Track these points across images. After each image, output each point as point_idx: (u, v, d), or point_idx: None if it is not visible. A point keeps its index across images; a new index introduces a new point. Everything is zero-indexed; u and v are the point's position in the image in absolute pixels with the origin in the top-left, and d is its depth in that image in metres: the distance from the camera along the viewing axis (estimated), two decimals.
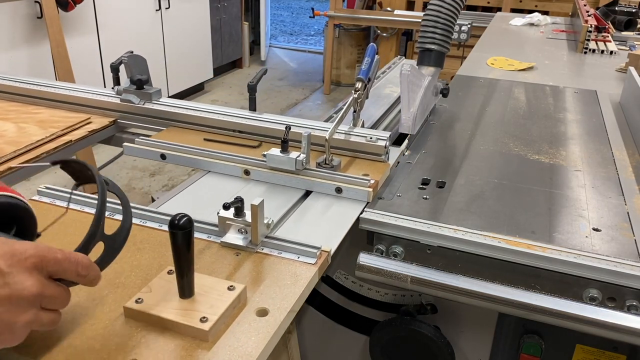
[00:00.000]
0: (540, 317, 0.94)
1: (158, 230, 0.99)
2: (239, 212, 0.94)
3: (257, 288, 0.84)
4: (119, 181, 3.81)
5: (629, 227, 1.06)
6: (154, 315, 0.75)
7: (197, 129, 1.41)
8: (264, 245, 0.95)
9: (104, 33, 4.24)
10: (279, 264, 0.90)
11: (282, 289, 0.84)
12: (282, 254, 0.93)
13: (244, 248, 0.94)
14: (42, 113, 1.50)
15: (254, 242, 0.94)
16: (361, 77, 1.25)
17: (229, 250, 0.94)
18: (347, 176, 1.14)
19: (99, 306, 0.79)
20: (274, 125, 1.34)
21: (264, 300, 0.81)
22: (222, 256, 0.92)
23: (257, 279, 0.87)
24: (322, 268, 0.91)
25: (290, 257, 0.92)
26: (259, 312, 0.79)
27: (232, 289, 0.80)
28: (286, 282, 0.86)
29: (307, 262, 0.90)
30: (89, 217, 0.98)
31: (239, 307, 0.80)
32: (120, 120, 1.49)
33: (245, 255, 0.93)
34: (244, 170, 1.20)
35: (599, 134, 1.54)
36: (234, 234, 0.95)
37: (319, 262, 0.91)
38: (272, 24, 9.31)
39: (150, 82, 1.48)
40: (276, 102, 5.75)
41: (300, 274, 0.88)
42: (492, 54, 2.42)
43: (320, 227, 1.03)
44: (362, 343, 1.26)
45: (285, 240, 0.94)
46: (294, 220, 1.06)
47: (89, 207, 1.05)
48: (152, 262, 0.90)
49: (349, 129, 1.29)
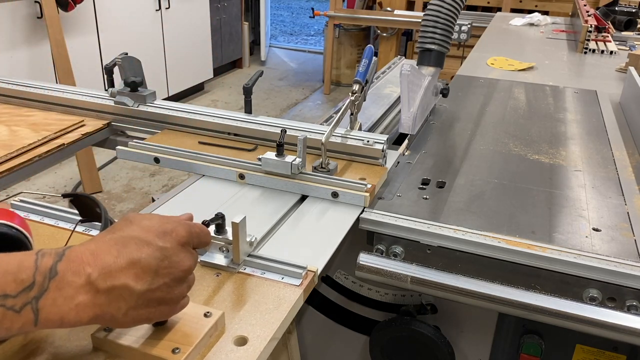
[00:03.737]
0: (540, 317, 0.94)
1: None
2: (220, 229, 0.88)
3: (236, 313, 0.79)
4: (119, 181, 3.81)
5: (629, 227, 1.06)
6: (122, 345, 0.69)
7: (192, 131, 1.40)
8: (247, 265, 0.90)
9: (104, 33, 4.24)
10: (261, 286, 0.85)
11: (263, 314, 0.79)
12: (265, 274, 0.88)
13: (225, 268, 0.89)
14: (35, 116, 1.48)
15: (236, 261, 0.89)
16: (358, 79, 1.24)
17: (208, 270, 0.89)
18: (344, 180, 1.11)
19: (65, 335, 0.73)
20: (269, 128, 1.32)
21: (244, 327, 0.76)
22: (201, 276, 0.87)
23: (238, 303, 0.82)
24: (307, 289, 0.86)
25: (273, 277, 0.87)
26: (238, 340, 0.74)
27: (208, 316, 0.74)
28: (268, 307, 0.81)
29: (291, 284, 0.85)
30: (63, 232, 0.95)
31: (216, 334, 0.74)
32: (114, 123, 1.47)
33: (226, 275, 0.88)
34: (239, 174, 1.18)
35: (599, 134, 1.54)
36: (214, 252, 0.90)
37: (305, 282, 0.86)
38: (272, 24, 9.31)
39: (144, 84, 1.47)
40: (276, 102, 5.75)
41: (283, 296, 0.83)
42: (492, 54, 2.42)
43: (310, 239, 0.99)
44: (362, 343, 1.26)
45: (269, 259, 0.89)
46: (285, 229, 1.03)
47: (64, 221, 1.00)
48: None
49: (345, 132, 1.27)
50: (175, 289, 0.65)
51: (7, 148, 1.26)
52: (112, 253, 0.60)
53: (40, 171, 1.33)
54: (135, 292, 0.60)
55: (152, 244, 0.63)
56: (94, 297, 0.58)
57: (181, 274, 0.65)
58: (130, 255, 0.61)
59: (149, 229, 0.64)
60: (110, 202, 3.56)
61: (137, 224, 0.65)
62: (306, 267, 0.88)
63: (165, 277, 0.63)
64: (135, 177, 3.88)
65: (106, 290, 0.59)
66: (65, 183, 3.77)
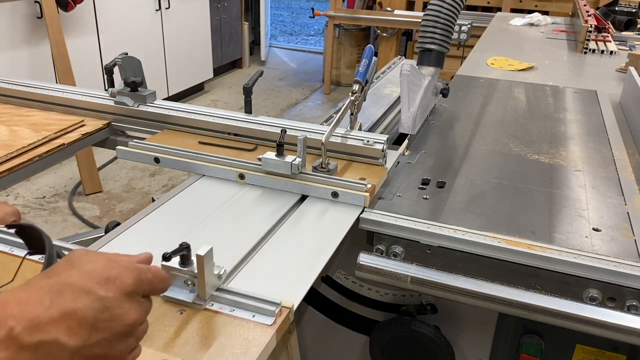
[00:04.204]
0: (540, 317, 0.94)
1: None
2: (186, 260, 0.80)
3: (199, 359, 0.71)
4: (119, 181, 3.81)
5: (629, 227, 1.06)
6: None
7: (192, 131, 1.40)
8: (214, 300, 0.81)
9: (104, 33, 4.24)
10: (229, 325, 0.77)
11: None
12: (234, 311, 0.80)
13: (190, 304, 0.80)
14: (36, 116, 1.48)
15: (202, 297, 0.80)
16: (358, 80, 1.24)
17: (171, 307, 0.80)
18: (344, 180, 1.12)
19: None
20: (269, 128, 1.32)
21: None
22: (163, 314, 0.79)
23: (201, 347, 0.73)
24: (281, 329, 0.78)
25: (243, 315, 0.79)
26: None
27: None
28: (235, 351, 0.72)
29: (263, 323, 0.77)
30: (17, 261, 0.85)
31: None
32: (114, 123, 1.47)
33: (191, 313, 0.79)
34: (239, 174, 1.18)
35: (599, 134, 1.54)
36: (179, 286, 0.81)
37: (278, 321, 0.77)
38: (272, 24, 9.31)
39: (145, 84, 1.47)
40: (276, 102, 5.75)
41: (253, 339, 0.74)
42: (492, 54, 2.42)
43: (307, 245, 0.96)
44: (362, 343, 1.26)
45: (239, 293, 0.81)
46: (285, 230, 1.02)
47: (19, 248, 0.89)
48: None
49: (345, 132, 1.26)
50: (118, 345, 0.57)
51: (7, 148, 1.26)
52: (43, 303, 0.53)
53: (40, 171, 1.33)
54: (68, 349, 0.53)
55: (92, 293, 0.55)
56: (15, 353, 0.50)
57: (124, 328, 0.57)
58: (64, 305, 0.53)
59: (91, 274, 0.57)
60: (111, 202, 3.56)
61: (77, 269, 0.57)
62: (280, 304, 0.80)
63: (105, 332, 0.55)
64: (135, 177, 3.88)
65: (32, 347, 0.51)
66: (65, 183, 3.76)
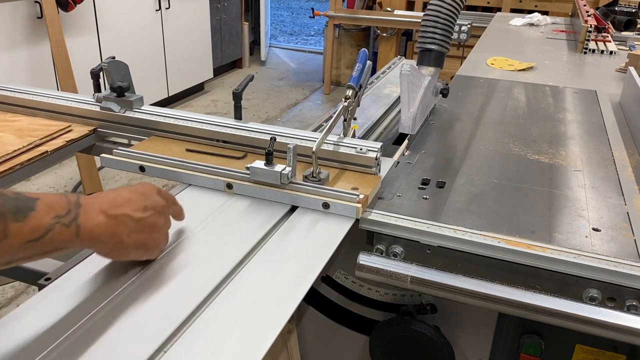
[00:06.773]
0: (540, 317, 0.94)
1: None
2: None
3: None
4: (119, 181, 3.81)
5: (629, 227, 1.06)
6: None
7: (180, 138, 1.35)
8: None
9: (104, 33, 4.25)
10: None
11: None
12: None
13: None
14: (21, 121, 1.44)
15: None
16: (352, 85, 1.20)
17: None
18: (335, 191, 1.06)
19: None
20: (260, 135, 1.27)
21: None
22: None
23: None
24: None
25: None
26: None
27: None
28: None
29: None
30: None
31: None
32: (100, 129, 1.43)
33: None
34: (227, 184, 1.13)
35: (598, 134, 1.54)
36: None
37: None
38: (272, 24, 9.32)
39: (132, 89, 1.42)
40: (276, 102, 5.75)
41: None
42: (492, 54, 2.42)
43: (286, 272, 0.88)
44: (362, 343, 1.26)
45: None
46: (269, 248, 0.96)
47: None
48: None
49: (338, 139, 1.21)
50: (159, 218, 0.88)
51: None
52: (111, 195, 0.84)
53: (23, 179, 1.29)
54: (134, 218, 0.83)
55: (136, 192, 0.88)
56: (106, 219, 0.79)
57: (160, 208, 0.88)
58: (129, 195, 0.86)
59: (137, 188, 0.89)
60: None
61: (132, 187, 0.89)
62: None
63: (151, 210, 0.87)
64: (135, 178, 3.88)
65: (114, 216, 0.80)
66: (66, 183, 3.76)
